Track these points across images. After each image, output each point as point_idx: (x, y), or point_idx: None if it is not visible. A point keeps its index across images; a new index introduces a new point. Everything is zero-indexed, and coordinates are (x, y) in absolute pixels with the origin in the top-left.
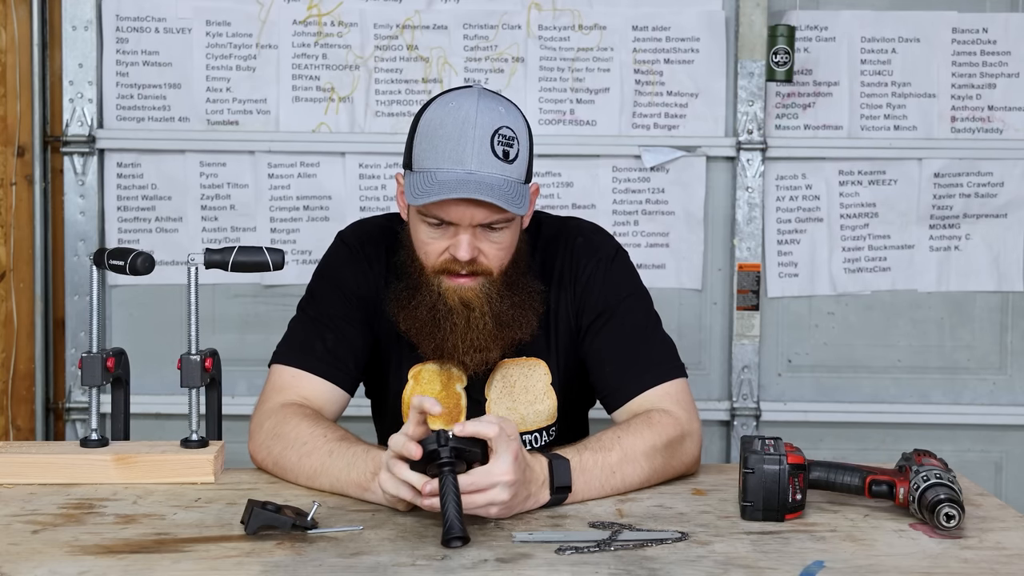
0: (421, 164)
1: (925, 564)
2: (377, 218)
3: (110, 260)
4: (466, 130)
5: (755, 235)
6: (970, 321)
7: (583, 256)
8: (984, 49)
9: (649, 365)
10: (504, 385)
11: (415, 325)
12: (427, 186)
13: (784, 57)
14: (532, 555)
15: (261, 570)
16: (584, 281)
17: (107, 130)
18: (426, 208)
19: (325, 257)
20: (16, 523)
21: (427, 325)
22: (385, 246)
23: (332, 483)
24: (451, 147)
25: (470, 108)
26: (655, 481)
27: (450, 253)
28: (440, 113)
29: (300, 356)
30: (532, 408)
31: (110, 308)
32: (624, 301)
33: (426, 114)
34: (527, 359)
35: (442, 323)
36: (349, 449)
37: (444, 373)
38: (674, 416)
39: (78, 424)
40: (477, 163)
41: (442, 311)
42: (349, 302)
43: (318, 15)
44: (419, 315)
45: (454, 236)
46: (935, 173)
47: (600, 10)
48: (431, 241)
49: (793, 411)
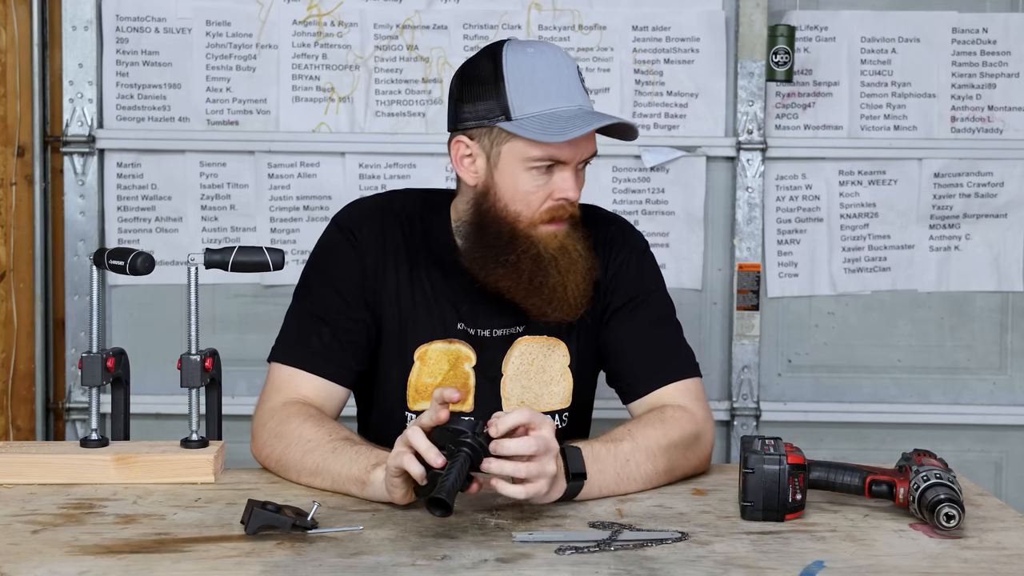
0: (528, 109)
1: (925, 564)
2: (373, 197)
3: (110, 260)
4: (561, 70)
5: (755, 235)
6: (970, 321)
7: (617, 242)
8: (984, 49)
9: (671, 360)
10: (522, 363)
11: (519, 282)
12: (555, 123)
13: (784, 57)
14: (532, 555)
15: (261, 570)
16: (616, 266)
17: (107, 130)
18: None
19: (319, 243)
20: (16, 523)
21: (533, 279)
22: (382, 226)
23: (333, 480)
24: (555, 87)
25: (547, 51)
26: (672, 477)
27: (554, 198)
28: (524, 60)
29: (296, 354)
30: (547, 389)
31: (110, 308)
32: (652, 294)
33: (507, 65)
34: (548, 338)
35: (549, 271)
36: (352, 447)
37: (451, 353)
38: (691, 413)
39: (78, 424)
40: (581, 99)
41: (546, 261)
42: (344, 291)
43: (318, 15)
44: (522, 269)
45: (552, 180)
46: (935, 173)
47: (600, 10)
48: (536, 189)
49: (793, 411)
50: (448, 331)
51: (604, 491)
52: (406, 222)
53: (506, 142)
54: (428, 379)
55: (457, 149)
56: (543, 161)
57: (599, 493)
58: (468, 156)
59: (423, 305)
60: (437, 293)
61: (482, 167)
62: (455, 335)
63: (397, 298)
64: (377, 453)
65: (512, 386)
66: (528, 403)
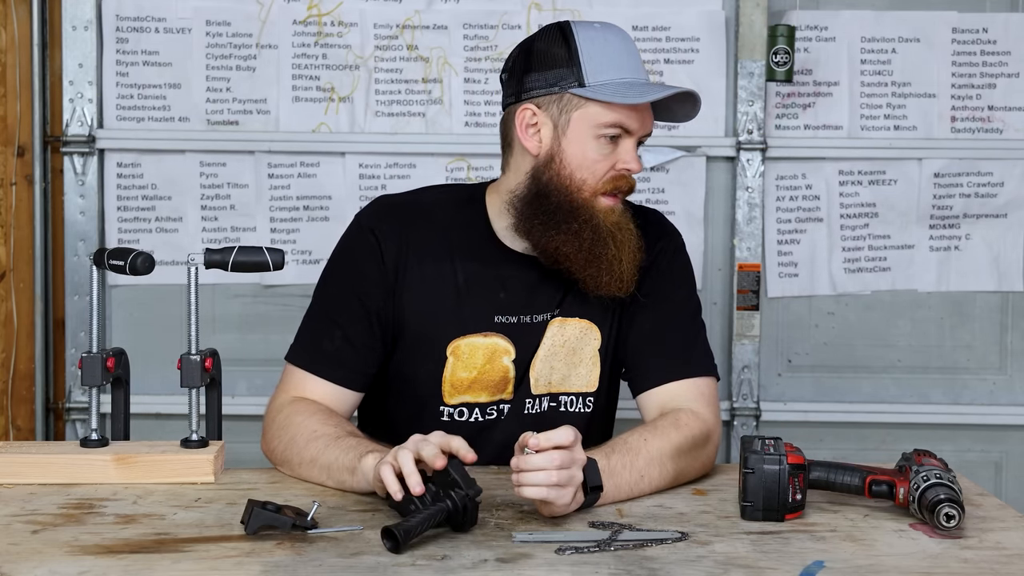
0: (602, 76)
1: (925, 564)
2: (401, 194)
3: (110, 260)
4: (628, 45)
5: (755, 235)
6: (970, 321)
7: (655, 232)
8: (984, 49)
9: (689, 357)
10: (553, 343)
11: (579, 249)
12: (632, 89)
13: (784, 57)
14: (532, 555)
15: (261, 570)
16: (654, 255)
17: (107, 130)
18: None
19: (340, 241)
20: (16, 523)
21: (596, 246)
22: (405, 221)
23: (328, 468)
24: (626, 59)
25: (614, 28)
26: (679, 483)
27: (616, 169)
28: (594, 33)
29: (309, 357)
30: (575, 371)
31: (110, 308)
32: (681, 290)
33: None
34: (581, 320)
35: (608, 243)
36: (352, 439)
37: (488, 347)
38: (702, 417)
39: (78, 424)
40: (646, 74)
41: (603, 232)
42: (361, 293)
43: (318, 15)
44: (584, 237)
45: (616, 151)
46: (935, 173)
47: (600, 10)
48: (603, 158)
49: (793, 411)
50: (484, 324)
51: (618, 500)
52: (437, 216)
53: (577, 108)
54: (463, 373)
55: (523, 117)
56: (613, 128)
57: (612, 502)
58: (533, 125)
59: (453, 299)
60: (472, 285)
61: (547, 135)
62: (492, 328)
63: (422, 294)
64: (374, 448)
65: (542, 367)
66: (554, 384)
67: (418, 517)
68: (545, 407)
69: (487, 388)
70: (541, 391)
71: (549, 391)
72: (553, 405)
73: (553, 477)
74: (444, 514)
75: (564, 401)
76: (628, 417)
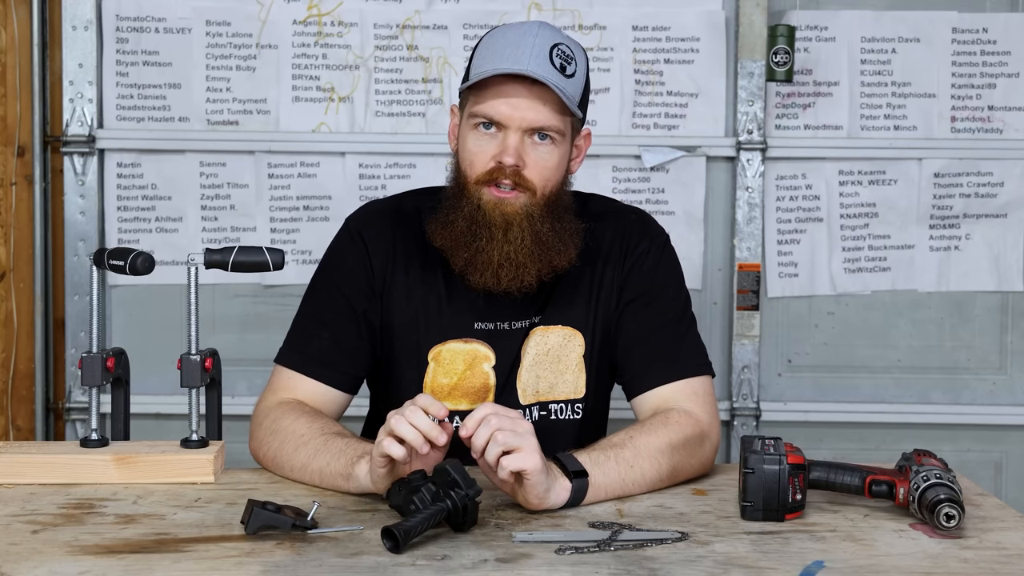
0: (478, 69)
1: (925, 564)
2: (387, 199)
3: (110, 260)
4: (525, 39)
5: (755, 235)
6: (970, 321)
7: (636, 233)
8: (984, 49)
9: (679, 357)
10: (537, 352)
11: (451, 237)
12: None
13: (784, 57)
14: (532, 555)
15: (261, 570)
16: (635, 257)
17: (107, 130)
18: (477, 107)
19: (330, 244)
20: (16, 523)
21: (464, 235)
22: (392, 227)
23: (321, 471)
24: (509, 51)
25: (531, 24)
26: (676, 480)
27: (496, 160)
28: (501, 28)
29: (298, 358)
30: (561, 378)
31: (110, 308)
32: (668, 289)
33: (484, 38)
34: (564, 328)
35: (479, 234)
36: (341, 441)
37: (468, 353)
38: (694, 417)
39: (78, 424)
40: (535, 65)
41: (480, 222)
42: (350, 295)
43: (318, 15)
44: (457, 227)
45: (502, 144)
46: (935, 173)
47: (600, 10)
48: (478, 150)
49: (793, 411)
50: (464, 331)
51: (610, 494)
52: (419, 222)
53: (465, 104)
54: (444, 379)
55: (451, 120)
56: (480, 118)
57: (605, 496)
58: (454, 127)
59: (435, 305)
60: (452, 291)
61: (455, 141)
62: (472, 335)
63: (407, 300)
64: (364, 446)
65: (528, 376)
66: (542, 392)
67: (418, 517)
68: (536, 417)
69: (468, 395)
70: (530, 400)
71: (538, 400)
72: (544, 414)
73: (493, 421)
74: (444, 514)
75: (554, 409)
76: (622, 417)
